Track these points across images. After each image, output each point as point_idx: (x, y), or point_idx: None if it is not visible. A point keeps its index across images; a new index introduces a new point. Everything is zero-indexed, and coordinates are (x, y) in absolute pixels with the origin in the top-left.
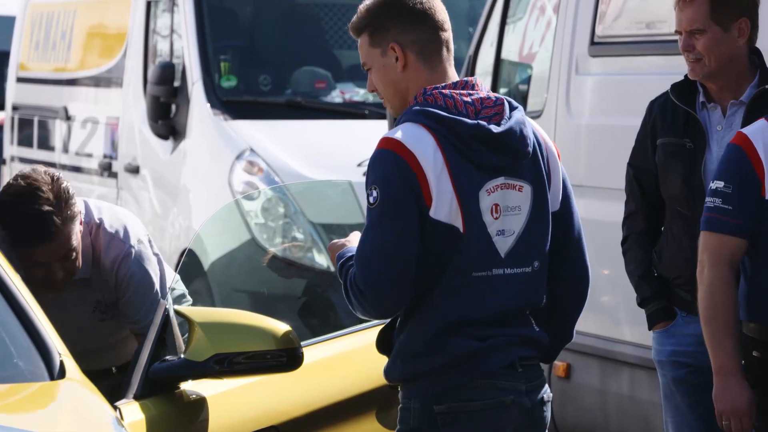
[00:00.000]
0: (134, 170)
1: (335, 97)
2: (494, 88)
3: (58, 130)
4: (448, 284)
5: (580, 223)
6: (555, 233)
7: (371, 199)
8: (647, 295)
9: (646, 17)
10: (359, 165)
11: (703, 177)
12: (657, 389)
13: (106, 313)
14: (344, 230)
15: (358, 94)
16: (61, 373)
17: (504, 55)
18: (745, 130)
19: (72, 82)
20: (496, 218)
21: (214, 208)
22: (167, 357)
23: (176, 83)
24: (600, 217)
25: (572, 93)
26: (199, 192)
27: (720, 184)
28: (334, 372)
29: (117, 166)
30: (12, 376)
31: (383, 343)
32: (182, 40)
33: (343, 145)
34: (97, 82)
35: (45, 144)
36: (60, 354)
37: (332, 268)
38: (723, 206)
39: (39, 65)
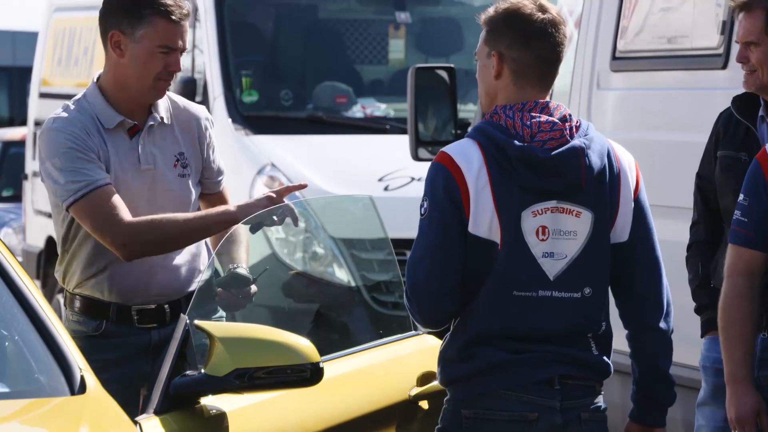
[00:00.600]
0: None
1: (356, 112)
2: None
3: None
4: (486, 299)
5: (658, 251)
6: (622, 265)
7: (422, 210)
8: (702, 304)
9: (668, 32)
10: (380, 180)
11: None
12: (677, 405)
13: (186, 168)
14: (365, 245)
15: (379, 109)
16: (82, 388)
17: None
18: None
19: None
20: (543, 240)
21: None
22: (187, 372)
23: (198, 98)
24: None
25: (594, 108)
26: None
27: (742, 197)
28: (354, 387)
29: None
30: (33, 390)
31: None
32: (204, 55)
33: (364, 160)
34: None
35: None
36: (81, 369)
37: (353, 283)
38: (741, 218)
39: (61, 81)
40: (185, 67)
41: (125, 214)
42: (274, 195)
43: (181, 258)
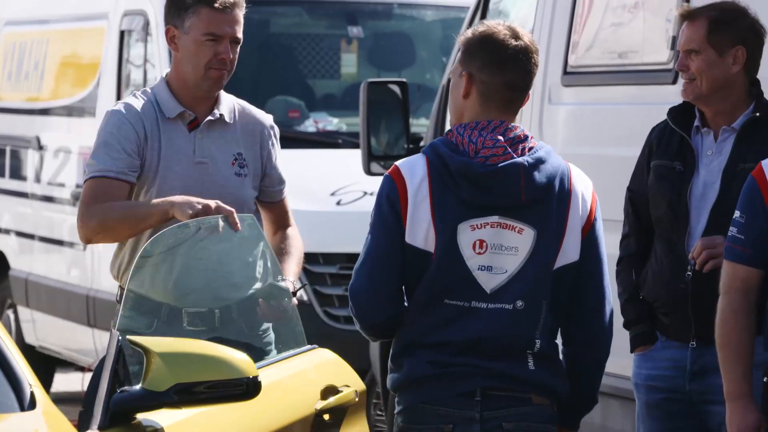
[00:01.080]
0: None
1: (309, 126)
2: None
3: (30, 159)
4: (419, 306)
5: (606, 281)
6: (572, 286)
7: (371, 218)
8: (631, 318)
9: (618, 47)
10: (333, 194)
11: (689, 200)
12: (630, 419)
13: (242, 168)
14: (317, 258)
15: (332, 123)
16: (32, 404)
17: None
18: (764, 162)
19: (45, 112)
20: (480, 253)
21: None
22: (125, 388)
23: None
24: None
25: (545, 122)
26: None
27: (737, 213)
28: (267, 401)
29: None
30: None
31: None
32: (155, 70)
33: (317, 174)
34: (70, 111)
35: (17, 173)
36: (30, 384)
37: (305, 298)
38: (737, 235)
39: (11, 95)
40: (137, 82)
41: (96, 203)
42: (212, 206)
43: (235, 263)
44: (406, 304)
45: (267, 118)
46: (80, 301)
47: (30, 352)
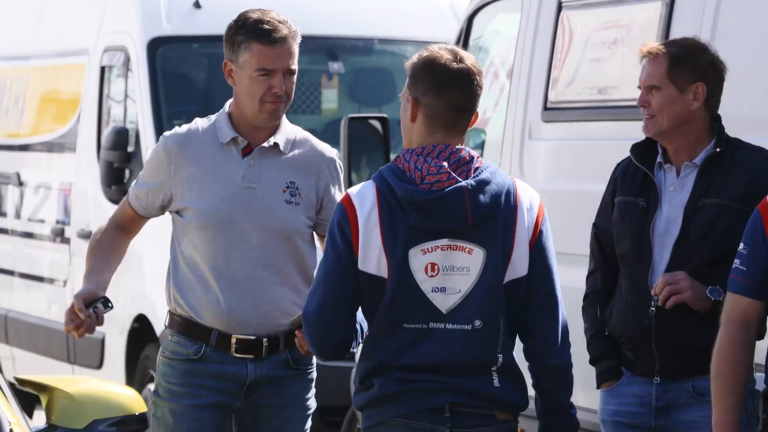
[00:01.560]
0: (87, 236)
1: None
2: None
3: (10, 195)
4: (380, 332)
5: (556, 290)
6: (521, 300)
7: (324, 245)
8: (597, 354)
9: (598, 83)
10: None
11: (652, 236)
12: None
13: (294, 197)
14: None
15: None
16: None
17: None
18: None
19: (25, 148)
20: (432, 276)
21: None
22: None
23: (130, 148)
24: None
25: (526, 158)
26: (153, 257)
27: (741, 245)
28: None
29: (70, 231)
30: None
31: None
32: (136, 105)
33: None
34: (50, 147)
35: None
36: (10, 423)
37: None
38: (739, 267)
39: None
40: (118, 118)
41: (113, 221)
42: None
43: (284, 293)
44: (360, 326)
45: (329, 152)
46: (60, 337)
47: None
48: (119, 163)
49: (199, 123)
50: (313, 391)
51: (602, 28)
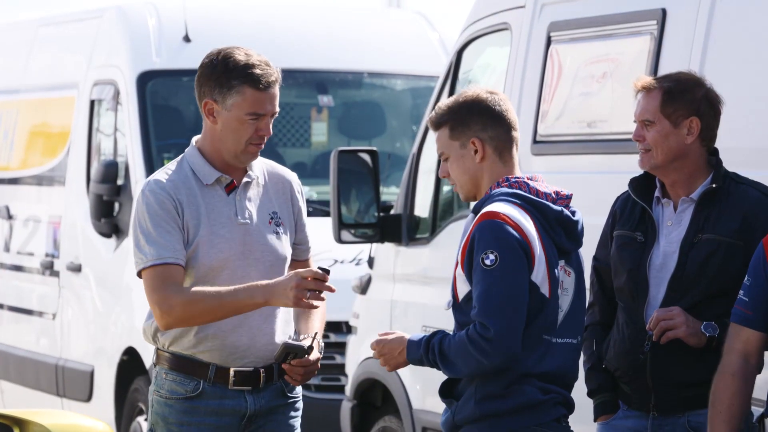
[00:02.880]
0: (76, 269)
1: None
2: (438, 186)
3: (0, 229)
4: (530, 342)
5: None
6: None
7: (488, 262)
8: (594, 387)
9: (587, 117)
10: None
11: (648, 271)
12: None
13: (279, 226)
14: None
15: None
16: None
17: None
18: None
19: (14, 181)
20: (561, 293)
21: None
22: None
23: (120, 181)
24: None
25: None
26: (142, 290)
27: (747, 277)
28: None
29: (59, 264)
30: None
31: (446, 391)
32: (126, 139)
33: None
34: (40, 180)
35: None
36: None
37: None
38: (742, 298)
39: None
40: (107, 151)
41: (175, 290)
42: (303, 273)
43: (277, 324)
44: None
45: (292, 175)
46: (49, 370)
47: None
48: (109, 196)
49: (171, 169)
50: (299, 420)
51: (591, 61)
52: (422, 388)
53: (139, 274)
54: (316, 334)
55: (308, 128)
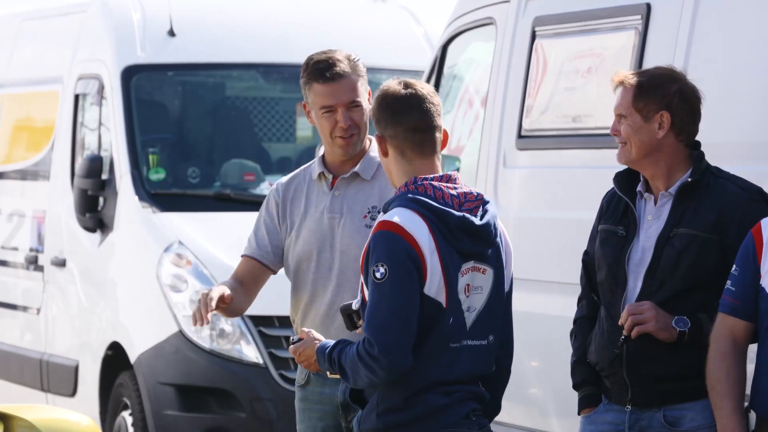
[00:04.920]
0: (61, 264)
1: (264, 189)
2: None
3: None
4: (429, 351)
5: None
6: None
7: (378, 275)
8: (578, 381)
9: (572, 111)
10: None
11: (627, 265)
12: None
13: (374, 221)
14: (273, 321)
15: None
16: None
17: None
18: (764, 220)
19: None
20: (467, 296)
21: (142, 301)
22: None
23: (104, 176)
24: (527, 309)
25: (500, 185)
26: (127, 285)
27: (734, 267)
28: None
29: (43, 259)
30: None
31: (355, 398)
32: (110, 133)
33: None
34: (24, 175)
35: None
36: None
37: (260, 361)
38: (729, 287)
39: None
40: (92, 146)
41: (235, 276)
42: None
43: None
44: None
45: None
46: (34, 365)
47: None
48: (93, 190)
49: (306, 165)
50: None
51: (576, 56)
52: None
53: None
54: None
55: (293, 123)
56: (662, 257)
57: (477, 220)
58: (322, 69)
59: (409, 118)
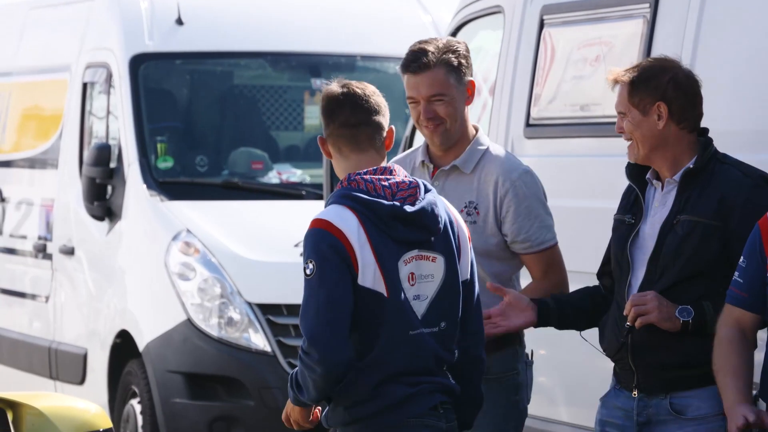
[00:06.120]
0: (69, 252)
1: (272, 177)
2: None
3: None
4: (387, 341)
5: (479, 291)
6: (463, 299)
7: (308, 271)
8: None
9: (580, 100)
10: (296, 245)
11: (631, 253)
12: None
13: (470, 215)
14: (281, 310)
15: (295, 174)
16: None
17: None
18: None
19: (6, 164)
20: (412, 285)
21: (150, 289)
22: None
23: (112, 164)
24: None
25: None
26: (135, 273)
27: (741, 258)
28: None
29: (52, 247)
30: None
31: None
32: (118, 122)
33: (280, 225)
34: (32, 163)
35: None
36: None
37: (268, 349)
38: (737, 279)
39: None
40: (100, 134)
41: None
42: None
43: None
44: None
45: (508, 170)
46: (42, 353)
47: None
48: (101, 179)
49: (412, 149)
50: None
51: (584, 45)
52: None
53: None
54: None
55: (301, 111)
56: (665, 245)
57: (410, 207)
58: (409, 60)
59: (340, 114)
